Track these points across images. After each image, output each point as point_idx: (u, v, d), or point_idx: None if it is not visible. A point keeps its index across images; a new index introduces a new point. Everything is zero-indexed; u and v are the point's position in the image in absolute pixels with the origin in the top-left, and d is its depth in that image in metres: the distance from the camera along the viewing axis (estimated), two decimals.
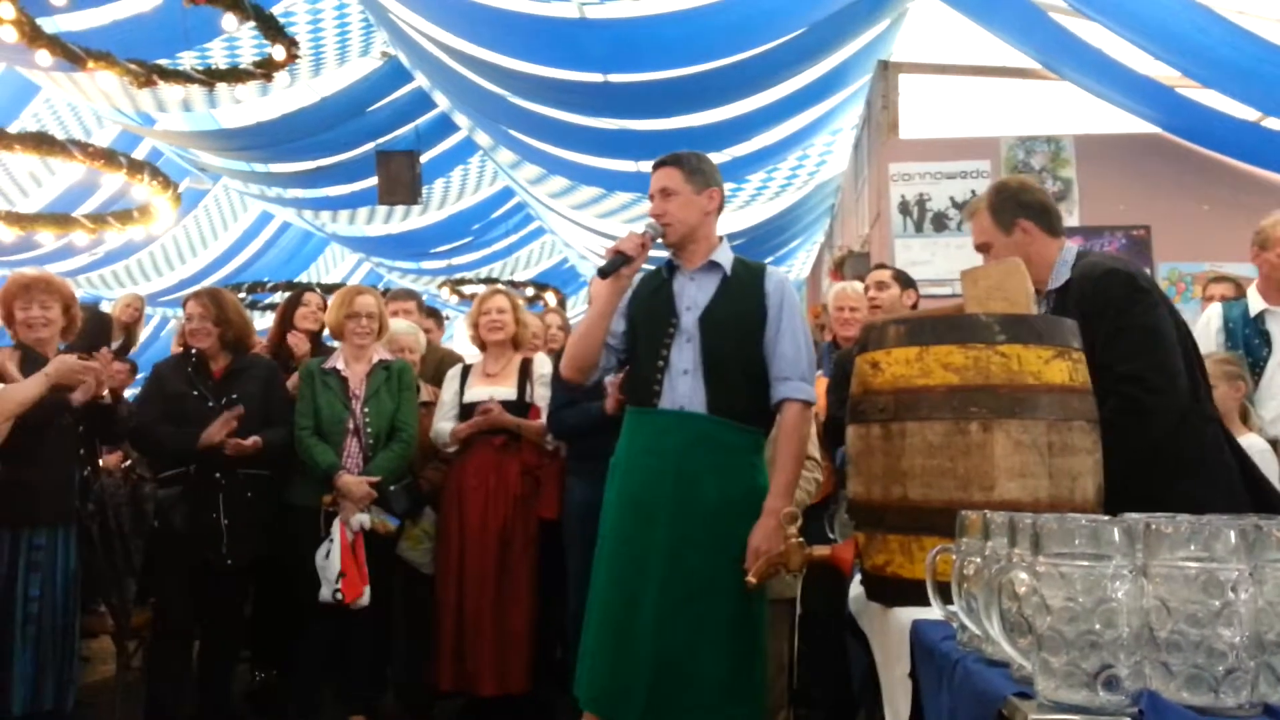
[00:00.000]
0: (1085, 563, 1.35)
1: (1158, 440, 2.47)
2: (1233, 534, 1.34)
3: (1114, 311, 2.52)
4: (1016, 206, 2.72)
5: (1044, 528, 1.41)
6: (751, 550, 2.53)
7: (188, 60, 7.29)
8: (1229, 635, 1.29)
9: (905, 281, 4.34)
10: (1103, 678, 1.31)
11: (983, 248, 2.78)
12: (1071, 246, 2.75)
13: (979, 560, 1.61)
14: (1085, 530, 1.38)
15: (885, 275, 4.42)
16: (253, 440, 3.88)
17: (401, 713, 4.36)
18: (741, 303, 2.75)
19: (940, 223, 6.82)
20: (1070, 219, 6.43)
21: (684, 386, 2.65)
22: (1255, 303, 3.78)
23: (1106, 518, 1.49)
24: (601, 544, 2.70)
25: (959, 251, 6.36)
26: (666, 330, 2.66)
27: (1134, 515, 1.51)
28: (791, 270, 13.55)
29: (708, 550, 2.60)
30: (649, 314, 2.71)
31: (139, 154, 9.14)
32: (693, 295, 2.74)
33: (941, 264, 6.48)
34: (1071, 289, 2.64)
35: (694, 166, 2.77)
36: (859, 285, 4.48)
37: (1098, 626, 1.32)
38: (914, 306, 4.20)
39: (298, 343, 4.79)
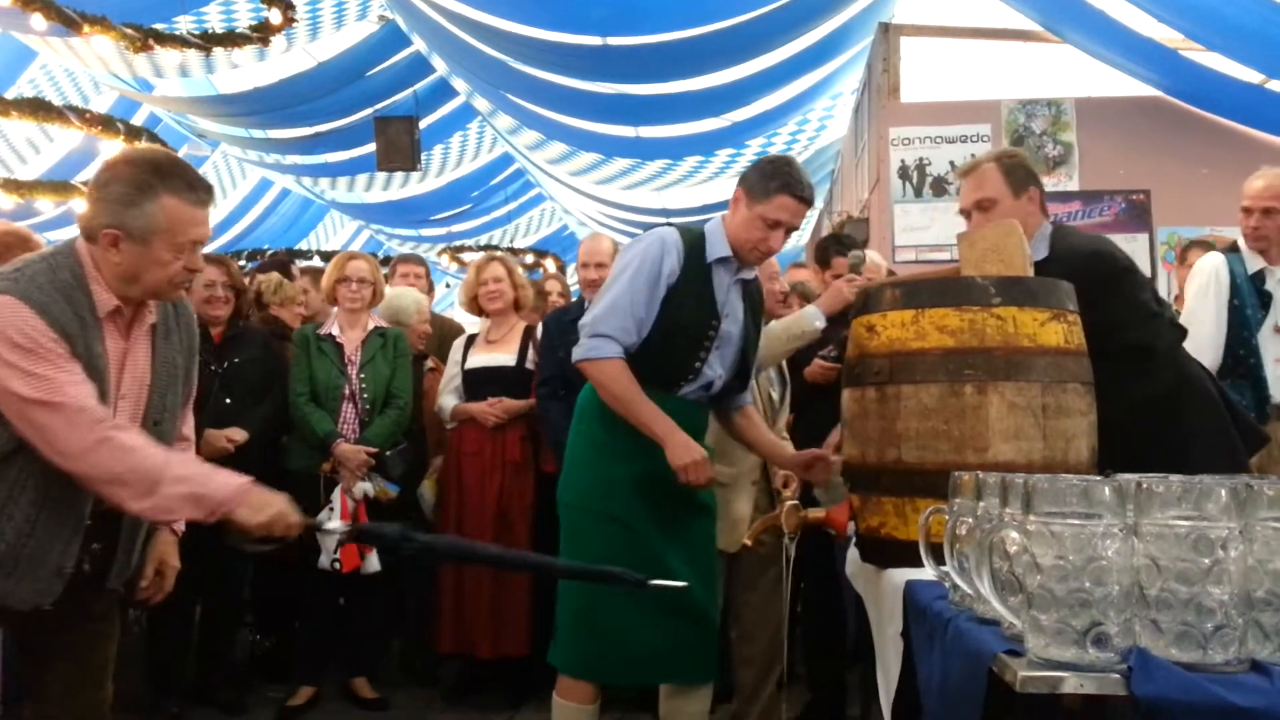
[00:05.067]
0: (1076, 521, 1.35)
1: (1158, 396, 2.50)
2: (1224, 492, 1.34)
3: (1107, 288, 2.54)
4: (1028, 174, 2.75)
5: (1035, 487, 1.41)
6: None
7: (184, 24, 7.24)
8: (1218, 593, 1.30)
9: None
10: (1092, 635, 1.32)
11: (984, 204, 2.76)
12: (1048, 225, 2.78)
13: (971, 520, 1.61)
14: (1076, 490, 1.38)
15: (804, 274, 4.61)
16: (231, 442, 3.89)
17: (404, 676, 4.40)
18: (754, 316, 2.85)
19: (940, 187, 6.78)
20: (1070, 183, 6.40)
21: (702, 382, 2.71)
22: (1252, 261, 3.75)
23: (1098, 477, 1.50)
24: (623, 520, 2.60)
25: (958, 217, 6.32)
26: (707, 332, 2.67)
27: (1126, 475, 1.52)
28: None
29: (701, 515, 2.75)
30: (692, 309, 2.67)
31: (137, 120, 9.10)
32: (734, 304, 2.75)
33: (940, 229, 6.45)
34: (1052, 264, 2.65)
35: None
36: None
37: (1087, 584, 1.32)
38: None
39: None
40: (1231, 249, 3.78)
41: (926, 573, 1.86)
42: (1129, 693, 1.28)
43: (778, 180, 2.66)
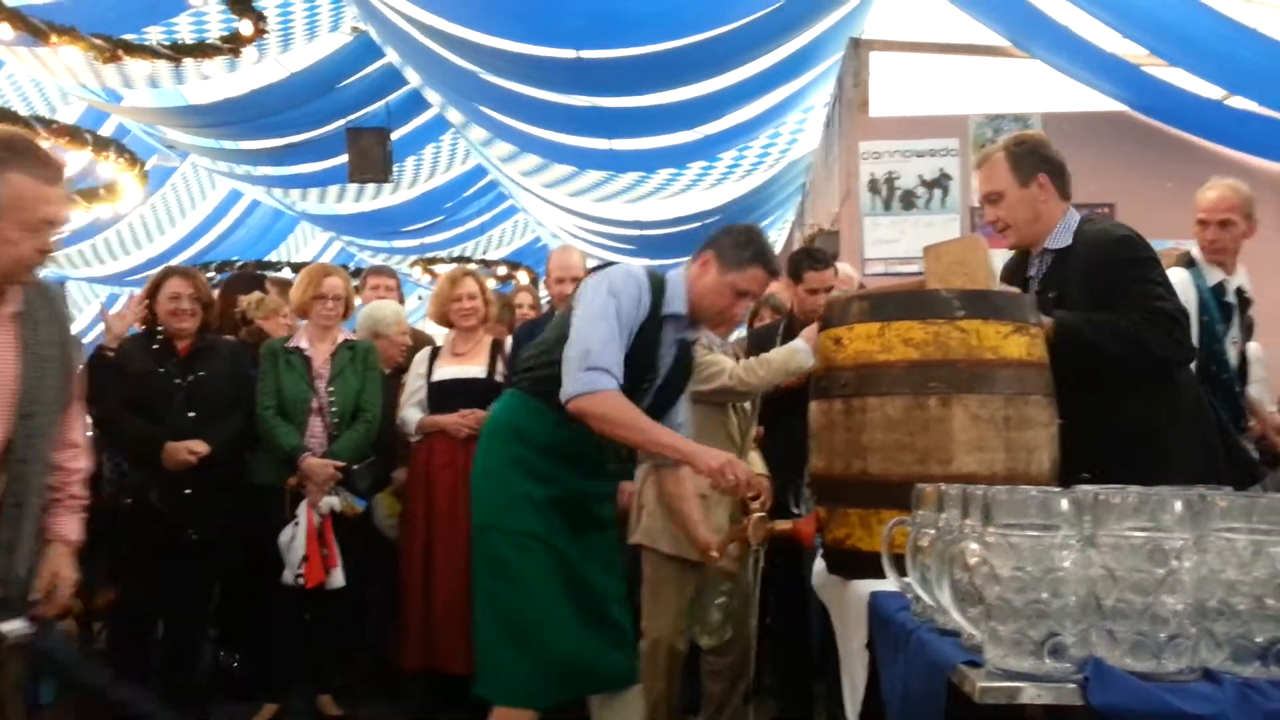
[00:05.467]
0: (1034, 533, 1.36)
1: (1162, 366, 2.49)
2: (1179, 504, 1.36)
3: (1136, 269, 2.54)
4: (1039, 159, 2.71)
5: (995, 499, 1.42)
6: None
7: (154, 35, 7.19)
8: (1172, 602, 1.32)
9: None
10: (1049, 645, 1.33)
11: (992, 196, 2.75)
12: (1075, 212, 2.74)
13: (933, 532, 1.63)
14: (1035, 501, 1.40)
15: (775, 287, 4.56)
16: (193, 454, 3.87)
17: (372, 692, 4.36)
18: (682, 376, 2.83)
19: (909, 201, 6.84)
20: None
21: None
22: (1211, 273, 3.76)
23: (1057, 489, 1.52)
24: (545, 539, 2.57)
25: (927, 230, 6.38)
26: (641, 384, 2.67)
27: (1084, 487, 1.53)
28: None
29: (605, 529, 2.78)
30: (638, 357, 2.65)
31: (105, 131, 9.01)
32: (667, 359, 2.73)
33: (909, 242, 6.50)
34: (1076, 251, 2.64)
35: None
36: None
37: (1045, 595, 1.34)
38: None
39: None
40: (1188, 262, 3.77)
41: (891, 584, 1.88)
42: (1085, 702, 1.29)
43: (751, 250, 2.66)
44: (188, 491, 3.88)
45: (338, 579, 3.91)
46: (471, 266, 5.03)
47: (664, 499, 2.88)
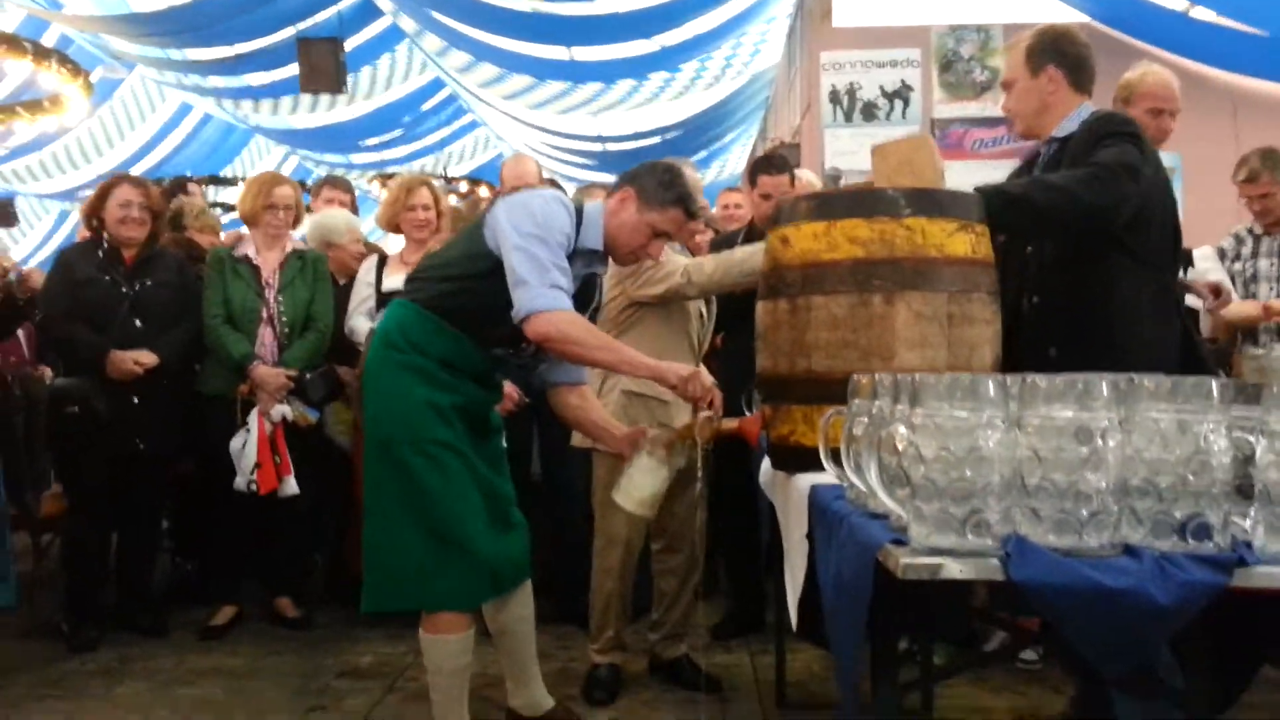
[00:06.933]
0: (960, 414, 1.37)
1: (1093, 217, 2.46)
2: (1105, 386, 1.37)
3: (1109, 139, 2.52)
4: (1052, 52, 2.69)
5: (923, 384, 1.43)
6: None
7: None
8: (1095, 480, 1.34)
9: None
10: (972, 522, 1.35)
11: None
12: (1089, 105, 2.71)
13: (866, 420, 1.64)
14: (962, 385, 1.40)
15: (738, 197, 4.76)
16: (139, 365, 3.81)
17: (328, 596, 4.39)
18: (581, 308, 2.77)
19: (870, 113, 6.79)
20: (995, 108, 6.44)
21: (523, 358, 2.69)
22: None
23: (986, 375, 1.53)
24: (455, 447, 2.55)
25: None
26: None
27: (1014, 375, 1.54)
28: (725, 166, 13.46)
29: (496, 433, 2.80)
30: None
31: (47, 40, 8.70)
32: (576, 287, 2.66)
33: (869, 155, 6.46)
34: (1075, 138, 2.63)
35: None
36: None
37: (969, 474, 1.35)
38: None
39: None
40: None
41: (831, 476, 1.89)
42: (1006, 577, 1.31)
43: (674, 192, 2.62)
44: (135, 401, 3.83)
45: (291, 486, 3.90)
46: (427, 176, 4.88)
47: (566, 413, 2.84)
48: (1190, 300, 3.84)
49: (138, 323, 3.89)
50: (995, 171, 4.41)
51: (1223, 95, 6.35)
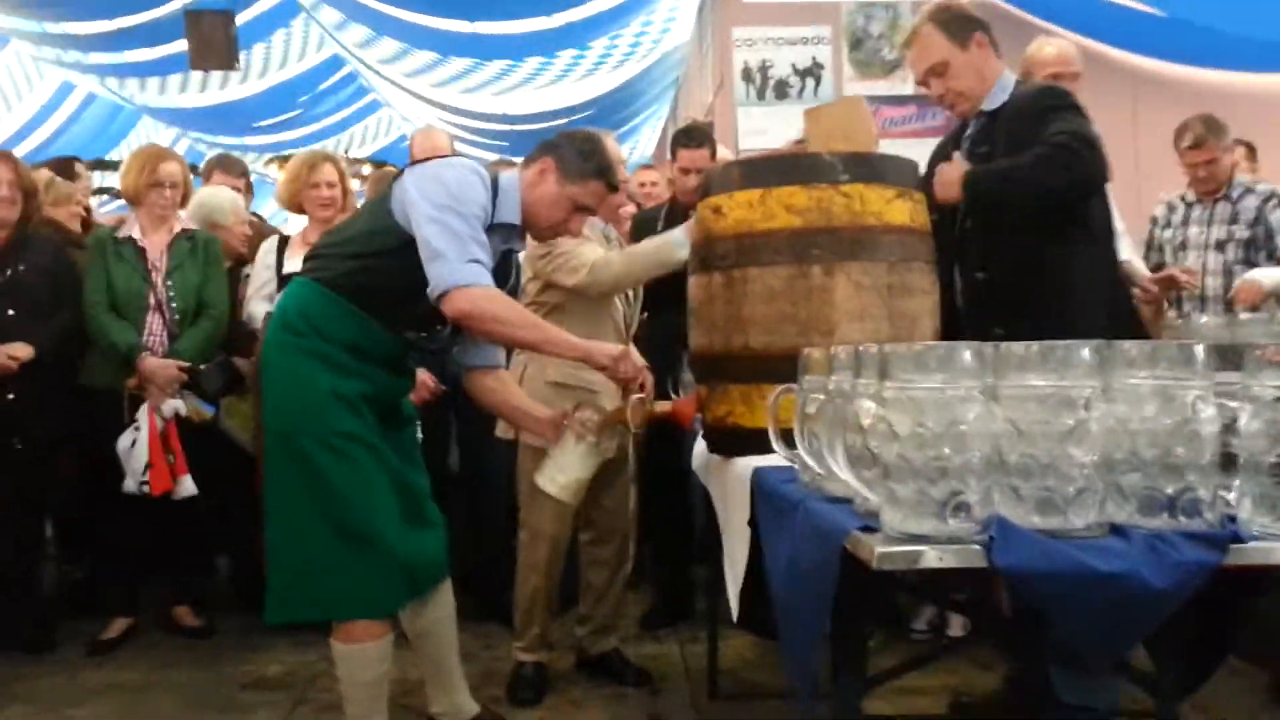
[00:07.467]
0: (936, 385, 1.25)
1: (1069, 192, 2.42)
2: (1085, 352, 1.27)
3: (1052, 114, 2.45)
4: (969, 20, 2.61)
5: (892, 354, 1.31)
6: None
7: None
8: (1079, 455, 1.23)
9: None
10: (951, 504, 1.23)
11: (937, 69, 2.62)
12: (1010, 74, 2.65)
13: (823, 396, 1.51)
14: (936, 354, 1.28)
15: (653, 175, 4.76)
16: (13, 359, 3.51)
17: (234, 601, 4.14)
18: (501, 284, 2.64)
19: (782, 90, 6.73)
20: (904, 86, 6.44)
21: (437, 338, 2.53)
22: None
23: (962, 344, 1.41)
24: (364, 439, 2.35)
25: (800, 119, 6.29)
26: None
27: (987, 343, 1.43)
28: (637, 146, 13.32)
29: (408, 424, 2.63)
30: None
31: None
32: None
33: (780, 132, 6.37)
34: (1006, 110, 2.56)
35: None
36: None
37: (947, 451, 1.23)
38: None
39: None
40: None
41: (774, 459, 1.77)
42: (990, 564, 1.20)
43: (595, 162, 2.43)
44: (10, 397, 3.53)
45: (187, 487, 3.62)
46: (330, 152, 4.60)
47: (484, 397, 2.64)
48: None
49: (10, 312, 3.58)
50: (905, 150, 4.37)
51: (1123, 76, 6.44)
